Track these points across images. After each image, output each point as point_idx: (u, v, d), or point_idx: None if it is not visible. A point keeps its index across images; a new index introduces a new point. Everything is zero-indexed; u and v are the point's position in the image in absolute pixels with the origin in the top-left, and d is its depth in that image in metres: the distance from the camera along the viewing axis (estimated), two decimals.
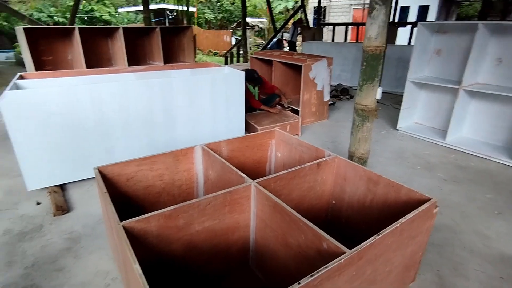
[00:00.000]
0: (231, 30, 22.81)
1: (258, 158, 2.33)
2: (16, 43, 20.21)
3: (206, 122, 2.97)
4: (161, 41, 4.73)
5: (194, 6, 23.33)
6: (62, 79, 2.65)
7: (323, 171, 1.83)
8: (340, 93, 5.42)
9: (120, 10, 25.91)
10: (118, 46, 4.53)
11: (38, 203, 2.34)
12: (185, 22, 22.67)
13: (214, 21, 26.21)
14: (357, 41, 10.64)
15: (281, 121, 3.65)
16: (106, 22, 24.43)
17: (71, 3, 24.88)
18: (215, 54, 18.63)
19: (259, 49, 16.01)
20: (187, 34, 5.16)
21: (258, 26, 21.36)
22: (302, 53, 4.55)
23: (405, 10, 17.70)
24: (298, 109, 4.01)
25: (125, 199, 1.78)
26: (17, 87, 2.45)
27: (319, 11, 10.84)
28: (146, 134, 2.69)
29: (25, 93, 2.16)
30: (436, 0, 17.00)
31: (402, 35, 10.68)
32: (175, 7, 20.82)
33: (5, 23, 20.54)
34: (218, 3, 26.43)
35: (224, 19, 27.58)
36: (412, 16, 17.44)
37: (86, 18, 23.51)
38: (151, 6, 23.70)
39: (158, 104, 2.66)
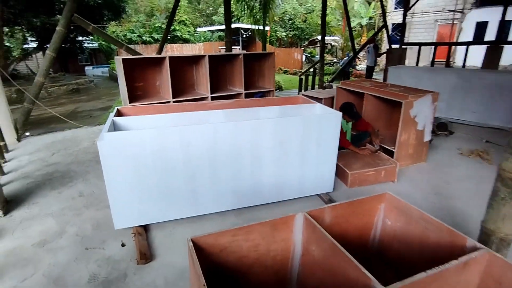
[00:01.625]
0: (303, 48, 22.69)
1: (362, 224, 1.94)
2: (111, 60, 23.01)
3: (294, 165, 2.68)
4: (243, 67, 4.67)
5: (267, 25, 23.78)
6: (154, 117, 2.63)
7: (468, 270, 1.37)
8: (437, 128, 4.70)
9: (198, 29, 27.85)
10: (202, 73, 4.58)
11: (123, 245, 2.28)
12: (257, 40, 23.32)
13: (285, 38, 26.46)
14: (448, 63, 9.50)
15: (374, 165, 3.19)
16: (186, 40, 26.42)
17: (157, 24, 27.45)
18: (285, 72, 18.62)
19: (331, 68, 15.48)
20: (269, 60, 5.03)
21: (330, 44, 20.83)
22: (398, 85, 4.02)
23: (482, 26, 15.59)
24: (392, 149, 3.50)
25: (216, 269, 1.56)
26: (114, 125, 2.47)
27: (403, 28, 9.98)
28: (232, 176, 2.51)
29: (121, 135, 2.13)
30: None
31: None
32: (250, 26, 21.49)
33: (103, 43, 23.57)
34: (290, 21, 26.67)
35: (295, 37, 27.71)
36: (490, 34, 15.15)
37: (169, 37, 25.71)
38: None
39: (246, 145, 2.46)
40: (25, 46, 17.96)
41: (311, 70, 9.98)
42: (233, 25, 24.10)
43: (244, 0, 11.11)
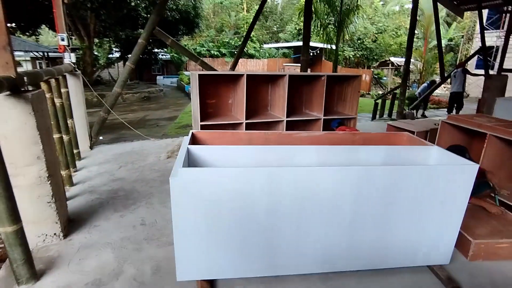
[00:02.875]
0: (372, 70, 21.48)
1: None
2: (181, 71, 24.36)
3: (403, 226, 2.04)
4: (325, 90, 4.15)
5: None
6: (233, 148, 2.21)
7: None
8: None
9: (265, 46, 28.28)
10: (279, 94, 4.17)
11: None
12: (323, 59, 22.72)
13: (353, 58, 25.46)
14: None
15: (508, 235, 2.36)
16: (250, 55, 26.93)
17: (225, 40, 28.53)
18: None
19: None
20: (354, 83, 4.43)
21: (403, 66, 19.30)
22: None
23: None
24: None
25: None
26: (188, 155, 2.11)
27: (505, 53, 8.56)
28: (324, 233, 1.95)
29: (199, 172, 1.73)
30: None
31: None
32: (317, 44, 21.02)
33: (175, 55, 25.10)
34: (359, 41, 25.65)
35: (363, 57, 26.55)
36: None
37: (235, 52, 26.46)
38: (294, 44, 24.92)
39: (348, 197, 1.89)
40: (110, 55, 19.85)
41: (389, 94, 9.04)
42: (300, 43, 23.95)
43: (319, 18, 10.69)
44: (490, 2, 8.05)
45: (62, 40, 4.09)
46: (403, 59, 21.89)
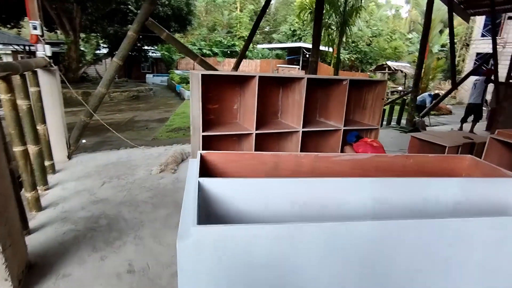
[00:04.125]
0: (368, 73, 21.18)
1: None
2: (171, 70, 23.50)
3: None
4: (347, 96, 3.57)
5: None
6: (257, 183, 1.58)
7: None
8: None
9: (258, 46, 27.69)
10: (293, 99, 3.58)
11: None
12: (319, 60, 22.29)
13: (347, 61, 25.13)
14: None
15: None
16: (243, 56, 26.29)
17: (218, 39, 27.84)
18: None
19: (394, 97, 13.65)
20: (377, 90, 3.88)
21: (401, 71, 19.06)
22: None
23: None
24: None
25: None
26: (199, 193, 1.47)
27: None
28: None
29: (220, 230, 1.10)
30: None
31: None
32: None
33: (166, 53, 24.24)
34: (353, 44, 25.36)
35: (357, 60, 26.31)
36: None
37: (228, 52, 25.84)
38: (288, 45, 24.42)
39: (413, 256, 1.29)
40: (97, 51, 18.91)
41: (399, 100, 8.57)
42: (295, 44, 23.50)
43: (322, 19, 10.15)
44: (503, 6, 7.69)
45: (34, 28, 3.38)
46: (401, 64, 21.69)
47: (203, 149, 2.36)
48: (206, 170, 1.75)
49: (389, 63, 19.67)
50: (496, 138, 2.93)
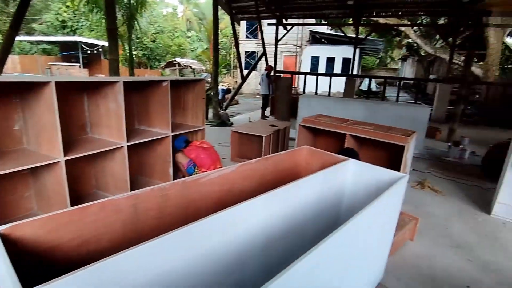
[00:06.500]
0: (160, 70, 21.04)
1: None
2: None
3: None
4: (170, 98, 3.20)
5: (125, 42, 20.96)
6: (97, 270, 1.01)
7: None
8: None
9: (17, 38, 21.30)
10: (108, 108, 2.81)
11: None
12: (102, 57, 19.94)
13: (135, 58, 23.92)
14: (329, 93, 10.65)
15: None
16: None
17: None
18: None
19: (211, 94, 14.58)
20: (196, 89, 3.73)
21: (190, 67, 20.14)
22: (361, 121, 3.65)
23: (316, 59, 19.36)
24: None
25: None
26: None
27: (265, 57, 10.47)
28: None
29: None
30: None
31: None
32: (95, 41, 18.08)
33: None
34: (138, 40, 24.42)
35: (144, 57, 25.61)
36: (337, 67, 19.12)
37: None
38: (59, 38, 20.18)
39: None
40: None
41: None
42: (70, 38, 19.79)
43: (99, 7, 8.84)
44: (265, 14, 9.54)
45: None
46: (189, 60, 22.87)
47: None
48: (21, 260, 1.00)
49: (178, 59, 20.40)
50: (302, 125, 3.53)
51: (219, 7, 8.81)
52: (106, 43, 13.36)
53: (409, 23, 12.15)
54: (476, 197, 3.79)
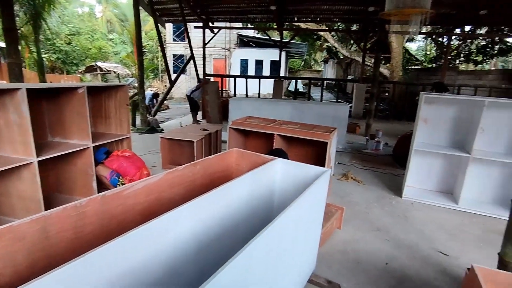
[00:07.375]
0: (79, 75, 19.08)
1: None
2: None
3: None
4: (88, 106, 2.91)
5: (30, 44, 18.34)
6: None
7: None
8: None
9: None
10: (11, 121, 2.42)
11: None
12: (2, 60, 17.27)
13: (47, 62, 21.33)
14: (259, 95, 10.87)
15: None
16: None
17: None
18: None
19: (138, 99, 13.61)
20: (118, 95, 3.47)
21: (114, 71, 18.68)
22: (288, 121, 3.83)
23: (245, 62, 19.92)
24: None
25: None
26: None
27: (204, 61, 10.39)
28: None
29: None
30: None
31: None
32: None
33: None
34: (49, 42, 21.86)
35: (58, 61, 23.00)
36: (266, 69, 19.78)
37: None
38: None
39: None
40: None
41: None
42: None
43: None
44: (191, 17, 9.38)
45: None
46: (112, 64, 21.21)
47: None
48: None
49: (100, 64, 18.80)
50: (232, 127, 3.56)
51: (141, 8, 8.39)
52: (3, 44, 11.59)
53: (327, 28, 13.20)
54: (390, 183, 4.29)
